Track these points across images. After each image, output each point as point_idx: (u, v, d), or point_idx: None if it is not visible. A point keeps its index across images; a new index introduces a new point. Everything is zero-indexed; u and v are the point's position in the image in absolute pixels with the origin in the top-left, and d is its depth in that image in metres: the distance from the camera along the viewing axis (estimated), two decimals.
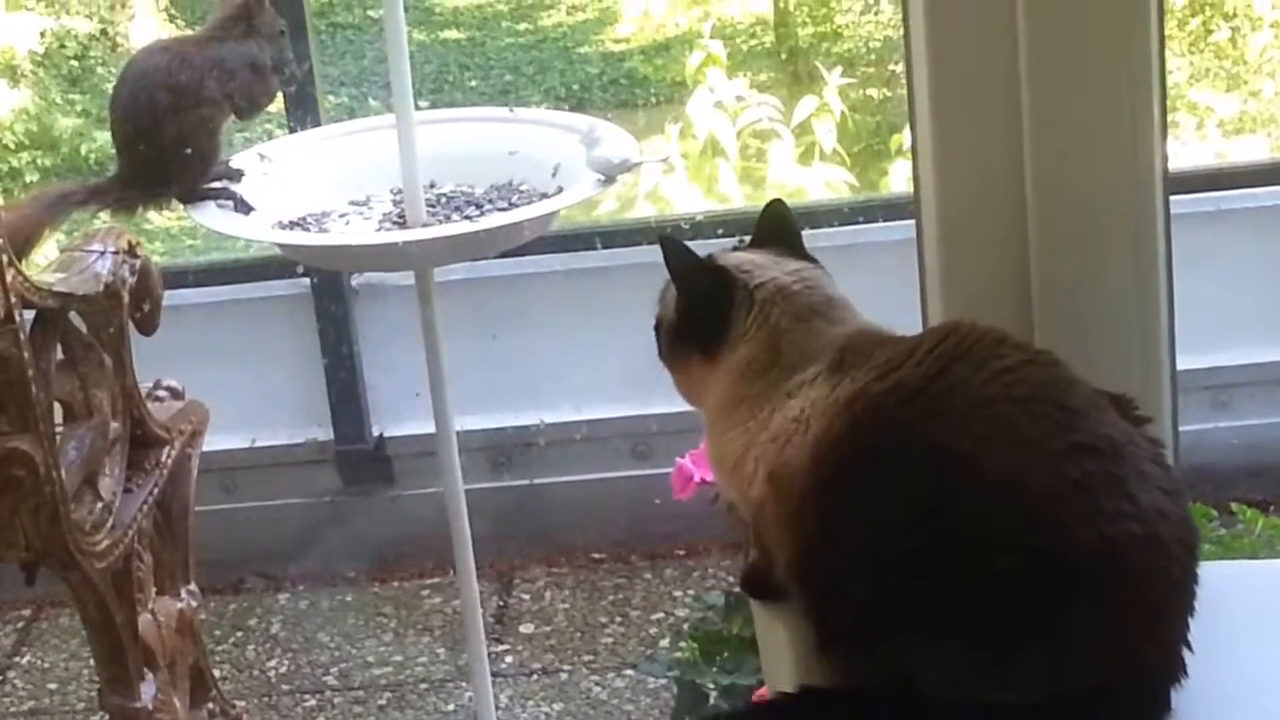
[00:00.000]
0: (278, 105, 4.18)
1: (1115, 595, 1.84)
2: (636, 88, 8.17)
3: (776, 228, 2.25)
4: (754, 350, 2.10)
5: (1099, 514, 1.83)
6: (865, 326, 2.12)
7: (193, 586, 3.25)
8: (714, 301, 2.13)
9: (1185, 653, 1.93)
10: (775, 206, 2.30)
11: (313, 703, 4.45)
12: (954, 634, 1.86)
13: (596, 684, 4.40)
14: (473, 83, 8.22)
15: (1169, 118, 2.51)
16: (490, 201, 3.33)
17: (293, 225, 3.29)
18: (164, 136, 3.21)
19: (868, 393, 1.96)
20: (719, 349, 2.12)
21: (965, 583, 1.84)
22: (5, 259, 2.52)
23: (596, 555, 4.81)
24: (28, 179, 7.13)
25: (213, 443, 3.37)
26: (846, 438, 1.94)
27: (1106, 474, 1.86)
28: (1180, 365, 2.45)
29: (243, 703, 3.97)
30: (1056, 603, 1.82)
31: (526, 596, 4.70)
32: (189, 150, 3.22)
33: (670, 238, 2.14)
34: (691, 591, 4.59)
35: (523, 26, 8.69)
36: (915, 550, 1.86)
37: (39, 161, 7.39)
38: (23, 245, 3.04)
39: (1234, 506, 3.42)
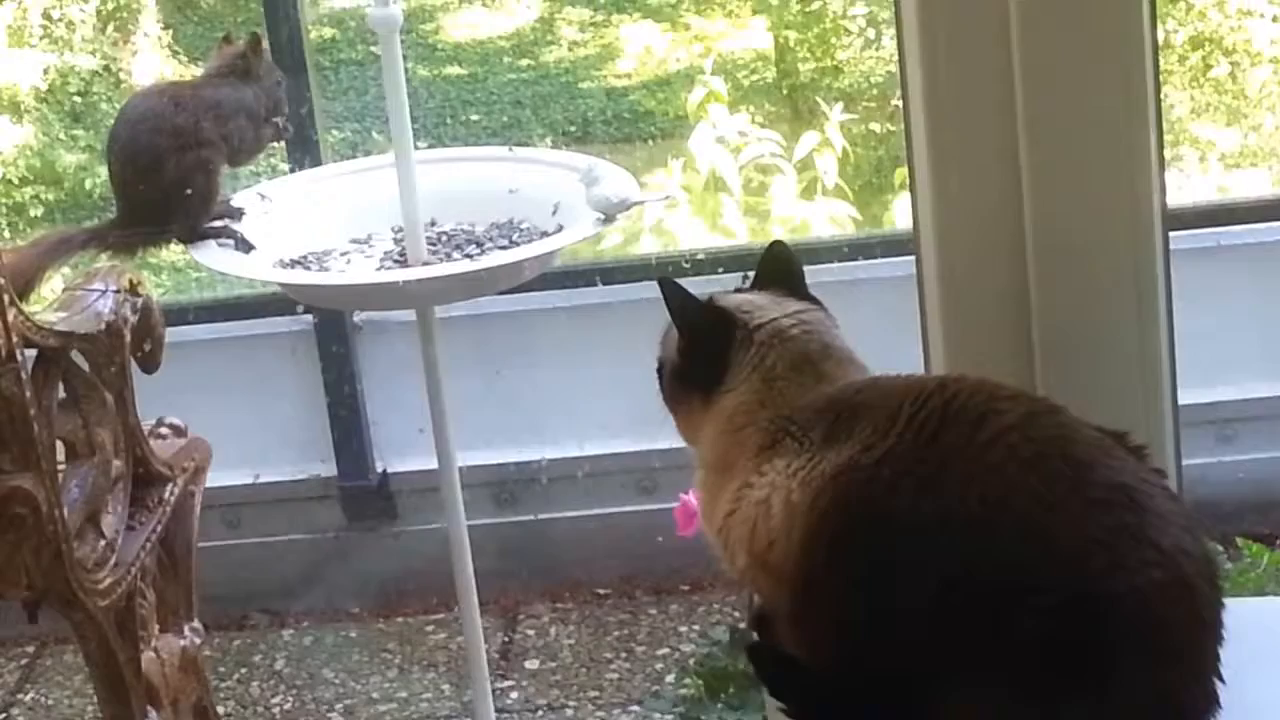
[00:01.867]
0: (279, 142, 4.20)
1: (1152, 647, 1.81)
2: (639, 123, 8.19)
3: (779, 269, 2.22)
4: (746, 396, 2.06)
5: (1123, 567, 1.80)
6: (849, 384, 2.06)
7: (196, 623, 3.24)
8: (714, 341, 2.10)
9: (1217, 683, 1.89)
10: (777, 248, 2.26)
11: None
12: (989, 698, 1.83)
13: None
14: (475, 118, 8.24)
15: (1171, 152, 2.52)
16: (491, 240, 3.34)
17: (294, 264, 3.30)
18: (163, 178, 3.23)
19: (856, 465, 1.90)
20: (716, 391, 2.09)
21: (992, 648, 1.81)
22: (7, 299, 2.52)
23: (601, 591, 4.81)
24: (31, 214, 7.15)
25: (216, 479, 3.37)
26: (838, 514, 1.89)
27: (1124, 525, 1.83)
28: (1183, 400, 2.44)
29: None
30: (1093, 663, 1.79)
31: (531, 632, 4.69)
32: (188, 191, 3.23)
33: (668, 279, 2.11)
34: (697, 627, 4.59)
35: (524, 62, 8.72)
36: (934, 622, 1.82)
37: (42, 197, 7.41)
38: (24, 286, 3.05)
39: (1240, 541, 3.42)
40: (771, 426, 2.03)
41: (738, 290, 2.21)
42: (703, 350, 2.11)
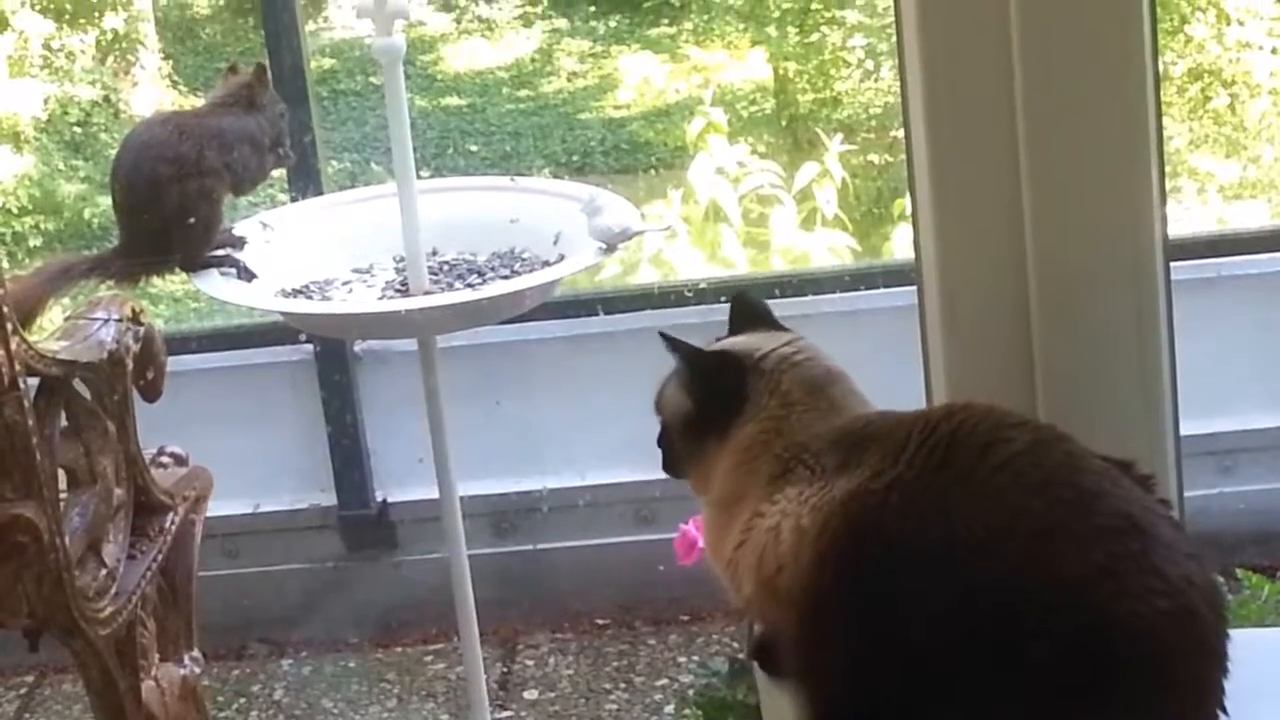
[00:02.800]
0: (280, 172, 4.20)
1: (1156, 677, 1.82)
2: (638, 153, 8.21)
3: (748, 315, 2.26)
4: (764, 422, 2.08)
5: (1128, 595, 1.81)
6: (859, 413, 2.09)
7: (196, 653, 3.23)
8: (728, 379, 2.13)
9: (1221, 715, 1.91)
10: (740, 296, 2.31)
11: None
12: None
13: None
14: (474, 148, 8.26)
15: (1170, 184, 2.52)
16: (493, 269, 3.34)
17: (296, 293, 3.30)
18: (166, 206, 3.23)
19: (866, 490, 1.93)
20: (732, 426, 2.10)
21: (999, 676, 1.82)
22: (10, 327, 2.53)
23: (600, 621, 4.80)
24: (31, 244, 7.16)
25: (216, 508, 3.36)
26: (847, 538, 1.91)
27: (1130, 553, 1.84)
28: (1184, 431, 2.45)
29: None
30: (1097, 692, 1.80)
31: (530, 662, 4.69)
32: (191, 219, 3.23)
33: (667, 333, 2.14)
34: (696, 658, 4.58)
35: (523, 93, 8.74)
36: (941, 647, 1.83)
37: (42, 226, 7.42)
38: (27, 315, 3.06)
39: (1239, 573, 3.42)
40: (785, 455, 2.05)
41: (718, 339, 2.24)
42: (718, 389, 2.13)
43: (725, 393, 2.12)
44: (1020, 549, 1.83)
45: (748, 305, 2.28)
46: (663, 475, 2.26)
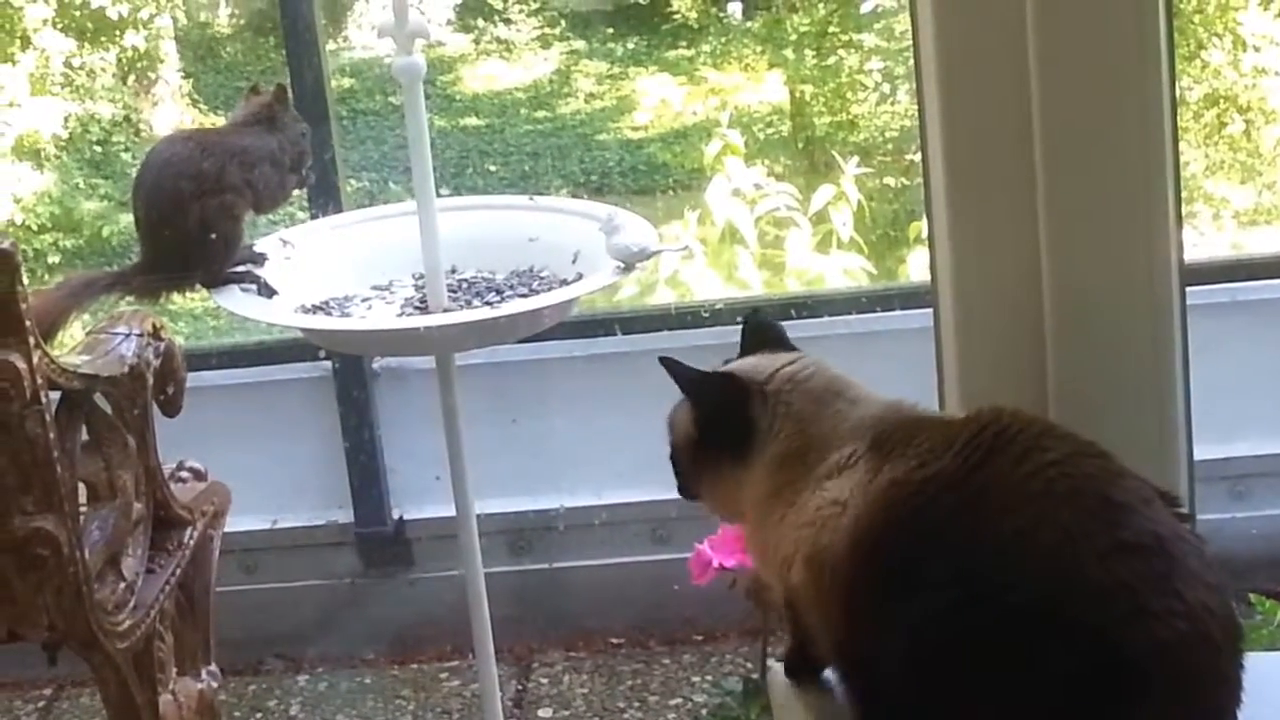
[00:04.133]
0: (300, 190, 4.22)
1: (1170, 697, 1.83)
2: (655, 174, 8.23)
3: (759, 337, 2.29)
4: (786, 443, 2.11)
5: (1147, 614, 1.83)
6: (892, 403, 2.14)
7: (213, 667, 3.25)
8: (730, 404, 2.16)
9: None
10: (752, 319, 2.34)
11: None
12: None
13: None
14: (493, 168, 8.28)
15: (1185, 209, 2.53)
16: (511, 287, 3.34)
17: (315, 309, 3.31)
18: (188, 222, 3.23)
19: (909, 480, 1.97)
20: (749, 451, 2.13)
21: (1017, 678, 1.84)
22: (33, 341, 2.54)
23: (614, 640, 4.81)
24: (50, 260, 7.18)
25: (233, 524, 3.38)
26: (886, 524, 1.96)
27: (1153, 572, 1.86)
28: (1197, 455, 2.46)
29: None
30: (1110, 707, 1.82)
31: (545, 680, 4.69)
32: (213, 236, 3.24)
33: (669, 357, 2.18)
34: (709, 677, 4.58)
35: (541, 114, 8.76)
36: (963, 639, 1.86)
37: (60, 244, 7.45)
38: (49, 329, 3.06)
39: (1252, 597, 3.41)
40: (820, 450, 2.09)
41: (726, 362, 2.27)
42: (721, 415, 2.17)
43: (729, 419, 2.16)
44: (1043, 554, 1.86)
45: (760, 326, 2.31)
46: (678, 495, 2.28)
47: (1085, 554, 1.85)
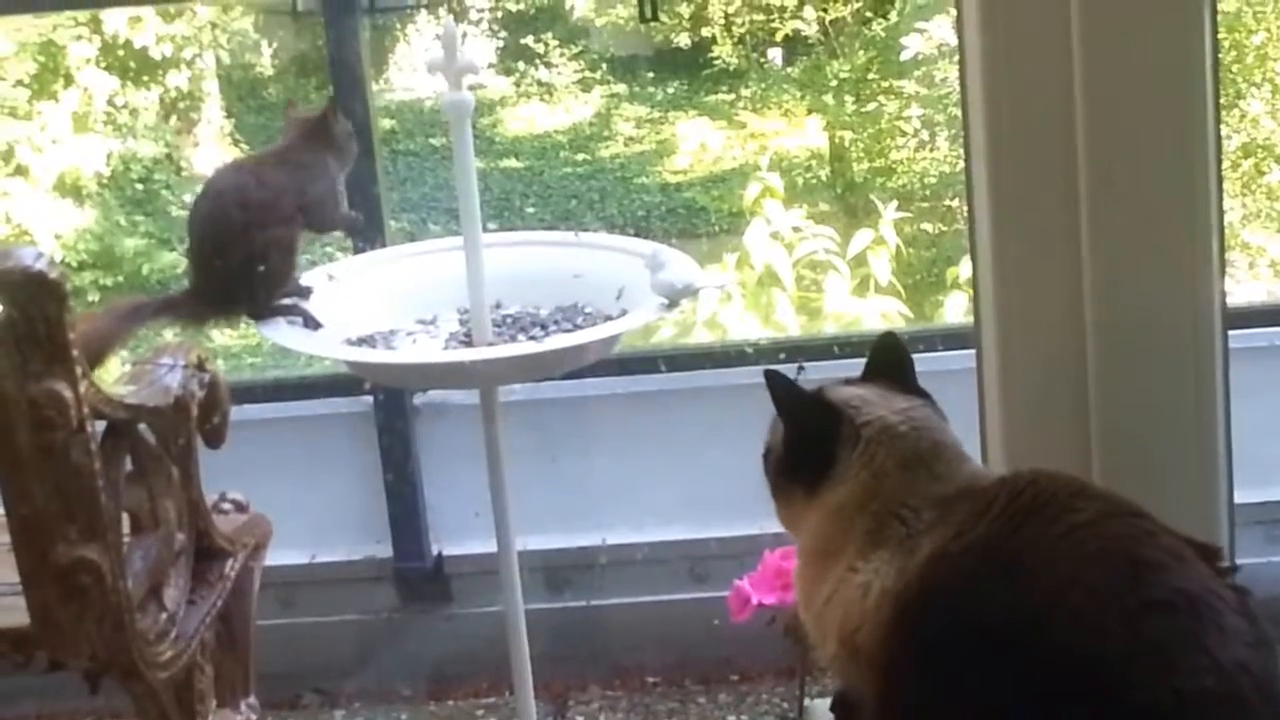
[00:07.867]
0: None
1: None
2: (694, 217, 8.26)
3: (888, 361, 2.23)
4: (854, 490, 2.08)
5: (1173, 671, 1.81)
6: (964, 481, 2.07)
7: (252, 699, 3.26)
8: (820, 437, 2.11)
9: None
10: (887, 339, 2.28)
11: None
12: None
13: None
14: (532, 210, 8.31)
15: None
16: (555, 323, 3.35)
17: (360, 342, 3.33)
18: (239, 253, 3.24)
19: (946, 553, 1.95)
20: (821, 485, 2.10)
21: None
22: (79, 370, 2.56)
23: (651, 678, 4.80)
24: (90, 298, 7.22)
25: (272, 558, 3.39)
26: (921, 601, 1.94)
27: (1181, 630, 1.84)
28: (1236, 499, 2.46)
29: None
30: None
31: (581, 718, 4.69)
32: (263, 268, 3.25)
33: (775, 371, 2.12)
34: (745, 717, 4.58)
35: (580, 157, 8.80)
36: (996, 712, 1.85)
37: (100, 281, 7.49)
38: (96, 356, 3.07)
39: None
40: (882, 513, 2.05)
41: (847, 382, 2.21)
42: (808, 444, 2.13)
43: (813, 453, 2.11)
44: (1069, 619, 1.84)
45: (891, 351, 2.24)
46: (718, 533, 2.27)
47: (1112, 614, 1.83)
